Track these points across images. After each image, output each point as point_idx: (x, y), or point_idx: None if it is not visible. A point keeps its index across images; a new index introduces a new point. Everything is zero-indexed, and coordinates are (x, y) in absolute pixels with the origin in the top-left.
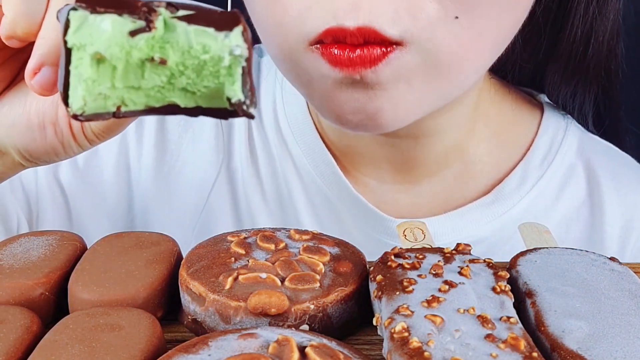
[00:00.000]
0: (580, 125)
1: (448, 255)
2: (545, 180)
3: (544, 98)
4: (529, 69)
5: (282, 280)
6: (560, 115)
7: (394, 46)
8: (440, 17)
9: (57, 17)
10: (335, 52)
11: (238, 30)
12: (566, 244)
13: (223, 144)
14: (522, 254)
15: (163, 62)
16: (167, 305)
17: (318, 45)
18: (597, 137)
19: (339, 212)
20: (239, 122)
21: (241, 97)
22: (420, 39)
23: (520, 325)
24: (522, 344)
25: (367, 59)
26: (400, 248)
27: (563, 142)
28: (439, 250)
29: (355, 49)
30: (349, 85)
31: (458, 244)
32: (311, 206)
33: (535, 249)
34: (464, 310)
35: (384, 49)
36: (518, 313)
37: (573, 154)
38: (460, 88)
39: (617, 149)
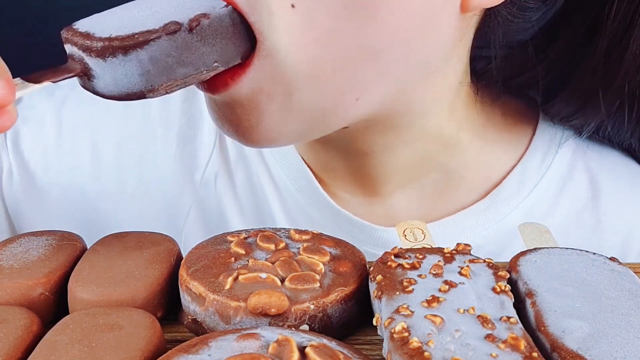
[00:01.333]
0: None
1: (448, 255)
2: (544, 183)
3: (537, 94)
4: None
5: (282, 280)
6: None
7: (246, 65)
8: (276, 2)
9: None
10: None
11: None
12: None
13: (189, 160)
14: (522, 254)
15: None
16: (167, 305)
17: None
18: (594, 137)
19: (319, 225)
20: (209, 135)
21: None
22: (263, 32)
23: (520, 325)
24: (522, 344)
25: (217, 84)
26: (400, 248)
27: (562, 142)
28: (439, 251)
29: None
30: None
31: (458, 244)
32: (290, 219)
33: (535, 249)
34: (464, 310)
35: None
36: (518, 313)
37: (571, 154)
38: (344, 105)
39: (614, 149)
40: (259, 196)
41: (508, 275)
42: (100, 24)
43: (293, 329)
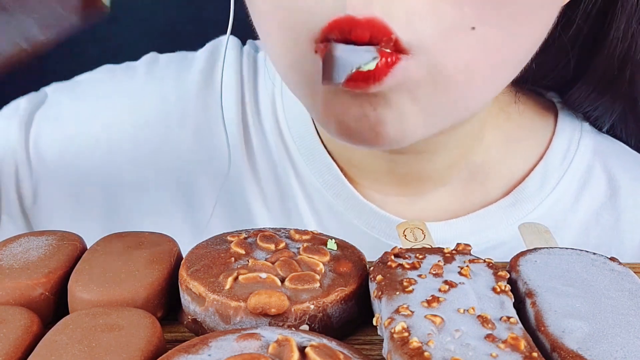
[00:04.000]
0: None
1: (448, 255)
2: (565, 182)
3: (555, 96)
4: (547, 83)
5: (282, 280)
6: (573, 115)
7: (400, 55)
8: (455, 25)
9: None
10: None
11: None
12: (585, 249)
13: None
14: (522, 254)
15: None
16: (167, 305)
17: (322, 46)
18: (610, 138)
19: (346, 220)
20: (230, 127)
21: None
22: (430, 50)
23: (520, 325)
24: (522, 344)
25: (371, 76)
26: (400, 248)
27: (580, 141)
28: (439, 251)
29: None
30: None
31: (458, 244)
32: (316, 215)
33: (535, 249)
34: (464, 310)
35: (391, 59)
36: (518, 313)
37: (590, 154)
38: (472, 107)
39: (630, 149)
40: (282, 186)
41: (508, 275)
42: None
43: (293, 329)
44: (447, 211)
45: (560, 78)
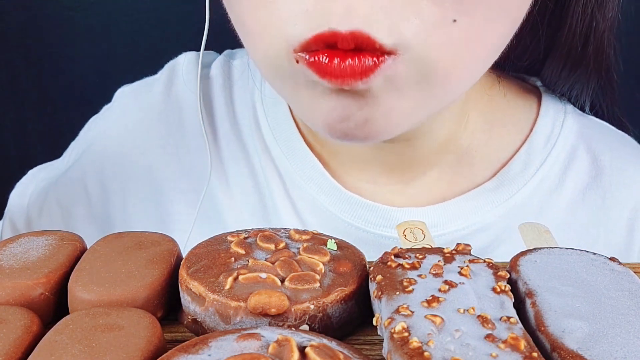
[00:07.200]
0: (576, 108)
1: (448, 255)
2: (549, 163)
3: (538, 81)
4: (524, 65)
5: (282, 280)
6: (557, 98)
7: (386, 56)
8: (437, 21)
9: None
10: (325, 61)
11: None
12: (573, 228)
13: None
14: (522, 254)
15: None
16: (167, 305)
17: (304, 55)
18: (594, 119)
19: (331, 215)
20: (197, 138)
21: None
22: (415, 47)
23: (520, 325)
24: (522, 344)
25: (358, 69)
26: (400, 248)
27: (564, 124)
28: (439, 251)
29: (345, 57)
30: (338, 92)
31: (458, 244)
32: (298, 214)
33: (535, 249)
34: (464, 310)
35: (375, 60)
36: (518, 313)
37: (574, 136)
38: (455, 95)
39: (615, 129)
40: (262, 191)
41: (508, 275)
42: None
43: (293, 329)
44: (436, 196)
45: (534, 58)
